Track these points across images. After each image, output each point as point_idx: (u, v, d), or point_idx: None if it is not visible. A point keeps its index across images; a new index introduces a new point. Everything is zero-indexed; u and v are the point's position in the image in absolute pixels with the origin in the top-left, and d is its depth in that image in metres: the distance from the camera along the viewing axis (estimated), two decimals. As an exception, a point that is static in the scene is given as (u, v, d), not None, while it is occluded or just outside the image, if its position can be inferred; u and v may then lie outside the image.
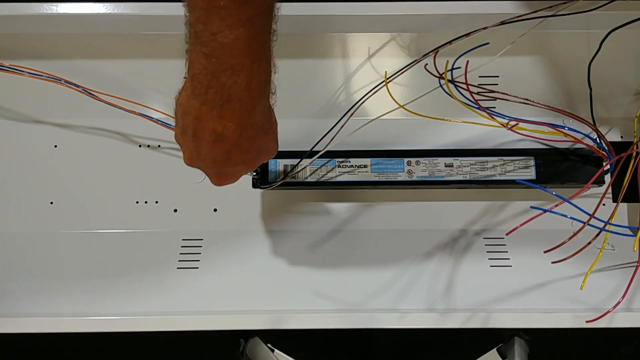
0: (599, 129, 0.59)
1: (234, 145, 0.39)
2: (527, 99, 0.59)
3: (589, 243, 0.52)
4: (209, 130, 0.38)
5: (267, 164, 0.59)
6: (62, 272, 0.61)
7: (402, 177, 0.59)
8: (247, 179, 0.61)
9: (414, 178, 0.59)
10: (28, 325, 0.55)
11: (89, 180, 0.64)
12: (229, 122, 0.38)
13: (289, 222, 0.63)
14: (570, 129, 0.58)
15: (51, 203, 0.64)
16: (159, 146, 0.65)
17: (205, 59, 0.35)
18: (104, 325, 0.54)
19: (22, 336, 0.54)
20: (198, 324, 0.54)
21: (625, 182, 0.56)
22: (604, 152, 0.58)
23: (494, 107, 0.59)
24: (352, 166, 0.59)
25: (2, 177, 0.64)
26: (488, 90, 0.60)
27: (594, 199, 0.58)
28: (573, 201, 0.49)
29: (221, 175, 0.45)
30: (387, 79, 0.57)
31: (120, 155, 0.64)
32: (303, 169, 0.59)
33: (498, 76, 0.63)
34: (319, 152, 0.57)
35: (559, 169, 0.59)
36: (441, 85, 0.57)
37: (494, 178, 0.59)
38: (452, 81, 0.56)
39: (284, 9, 0.54)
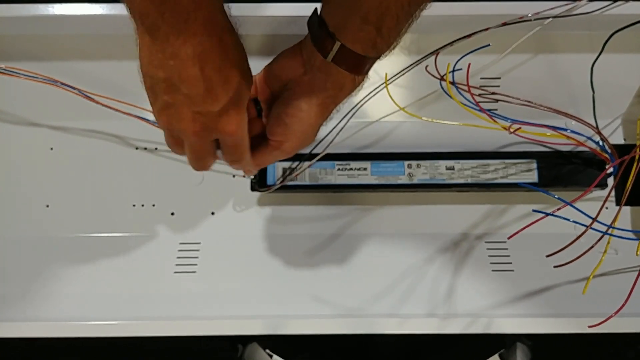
0: (602, 131, 0.58)
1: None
2: (529, 101, 0.58)
3: (592, 247, 0.52)
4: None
5: (265, 167, 0.58)
6: (58, 276, 0.60)
7: (403, 180, 0.58)
8: (245, 182, 0.61)
9: (415, 181, 0.58)
10: (24, 329, 0.54)
11: (85, 183, 0.64)
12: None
13: (287, 225, 0.62)
14: (572, 131, 0.58)
15: (47, 206, 0.63)
16: (155, 149, 0.64)
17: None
18: (100, 330, 0.54)
19: (18, 341, 0.54)
20: (195, 329, 0.54)
21: (628, 185, 0.55)
22: (607, 155, 0.57)
23: (496, 109, 0.58)
24: (351, 169, 0.59)
25: (-3, 180, 0.64)
26: (490, 92, 0.60)
27: (597, 202, 0.58)
28: (576, 204, 0.48)
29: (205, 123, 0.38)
30: (387, 80, 0.56)
31: (117, 158, 0.64)
32: (302, 171, 0.58)
33: (500, 78, 0.63)
34: (318, 154, 0.57)
35: (561, 172, 0.59)
36: (442, 87, 0.56)
37: (496, 181, 0.58)
38: (453, 83, 0.56)
39: (284, 11, 0.55)
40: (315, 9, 0.40)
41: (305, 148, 0.46)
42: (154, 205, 0.63)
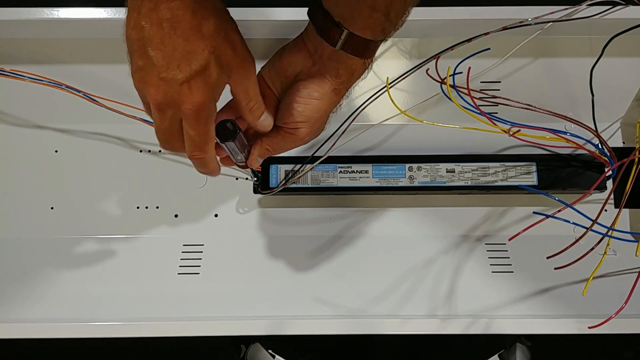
0: (601, 134, 0.59)
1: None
2: (529, 105, 0.59)
3: (592, 249, 0.52)
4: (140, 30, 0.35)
5: (268, 169, 0.59)
6: (63, 277, 0.61)
7: (404, 182, 0.59)
8: (248, 184, 0.61)
9: (416, 184, 0.59)
10: (28, 330, 0.54)
11: (89, 185, 0.64)
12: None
13: (290, 227, 0.63)
14: (572, 134, 0.58)
15: (52, 208, 0.64)
16: (159, 151, 0.65)
17: None
18: (105, 331, 0.54)
19: (23, 342, 0.54)
20: (199, 330, 0.54)
21: (627, 188, 0.56)
22: (606, 158, 0.57)
23: (496, 113, 0.58)
24: (353, 172, 0.59)
25: (2, 182, 0.64)
26: (490, 95, 0.60)
27: (596, 204, 0.59)
28: (575, 207, 0.49)
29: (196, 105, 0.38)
30: (389, 84, 0.57)
31: (121, 160, 0.64)
32: (304, 174, 0.59)
33: (500, 81, 0.63)
34: (320, 157, 0.57)
35: (560, 174, 0.59)
36: (443, 91, 0.56)
37: (496, 184, 0.59)
38: (453, 86, 0.56)
39: (286, 15, 0.55)
40: (315, 1, 0.40)
41: (314, 137, 0.46)
42: (157, 208, 0.64)
